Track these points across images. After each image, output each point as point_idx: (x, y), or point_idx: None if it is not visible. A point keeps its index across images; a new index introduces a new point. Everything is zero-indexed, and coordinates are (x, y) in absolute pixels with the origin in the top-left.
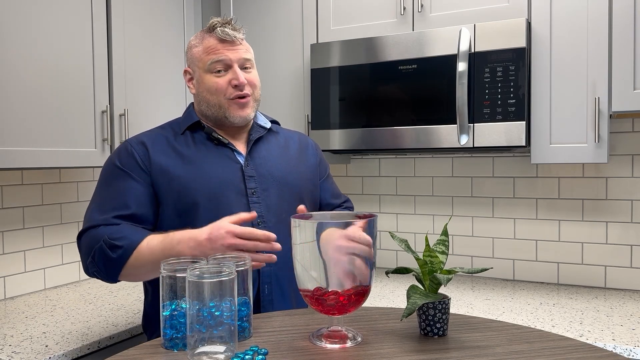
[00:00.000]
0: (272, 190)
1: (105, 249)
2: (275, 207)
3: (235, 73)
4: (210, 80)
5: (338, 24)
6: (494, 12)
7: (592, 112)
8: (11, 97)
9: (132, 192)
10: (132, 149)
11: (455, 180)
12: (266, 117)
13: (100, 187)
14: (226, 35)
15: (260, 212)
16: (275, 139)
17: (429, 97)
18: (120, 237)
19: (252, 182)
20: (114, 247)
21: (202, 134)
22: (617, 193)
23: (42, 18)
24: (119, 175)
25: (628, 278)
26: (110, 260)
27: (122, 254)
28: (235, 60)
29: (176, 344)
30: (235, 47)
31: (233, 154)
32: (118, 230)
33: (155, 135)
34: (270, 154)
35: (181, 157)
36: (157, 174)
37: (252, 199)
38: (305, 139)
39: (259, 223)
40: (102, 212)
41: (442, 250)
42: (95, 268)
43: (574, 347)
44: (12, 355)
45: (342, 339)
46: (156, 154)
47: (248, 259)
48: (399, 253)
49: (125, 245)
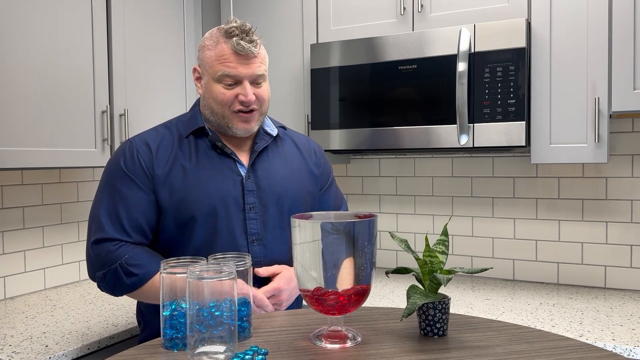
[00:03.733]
0: (270, 206)
1: (120, 273)
2: (272, 224)
3: (245, 89)
4: (218, 90)
5: (338, 24)
6: (494, 12)
7: (592, 112)
8: (11, 97)
9: (140, 203)
10: (137, 154)
11: (455, 180)
12: (273, 122)
13: (106, 188)
14: (241, 49)
15: (256, 229)
16: (280, 149)
17: (429, 97)
18: (137, 265)
19: (251, 197)
20: (130, 274)
21: (206, 142)
22: (617, 193)
23: (42, 18)
24: (126, 180)
25: (628, 278)
26: (123, 285)
27: (135, 282)
28: (247, 76)
29: (176, 344)
30: (249, 62)
31: (235, 165)
32: (136, 256)
33: (160, 137)
34: (273, 166)
35: (182, 168)
36: (159, 182)
37: (250, 214)
38: (309, 143)
39: (254, 241)
40: (114, 222)
41: (442, 250)
42: (104, 284)
43: (574, 347)
44: (12, 355)
45: (342, 339)
46: (159, 162)
47: (248, 259)
48: (399, 253)
49: (141, 275)
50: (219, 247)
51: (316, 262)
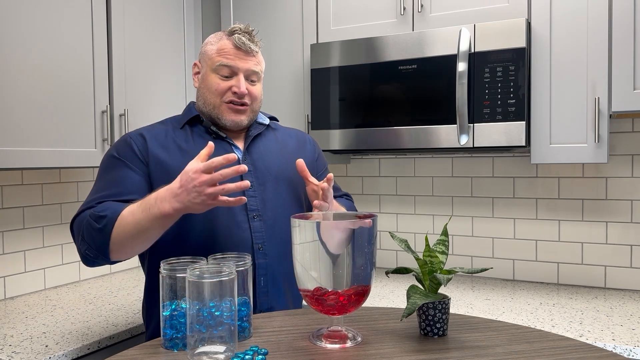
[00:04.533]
0: (268, 185)
1: (91, 222)
2: (271, 201)
3: (239, 81)
4: (213, 80)
5: (338, 24)
6: (494, 12)
7: (592, 112)
8: (11, 97)
9: (128, 181)
10: (130, 140)
11: (455, 180)
12: (264, 114)
13: (97, 179)
14: (242, 43)
15: (256, 206)
16: (274, 135)
17: (429, 97)
18: (104, 209)
19: (248, 177)
20: (99, 218)
21: (201, 128)
22: (617, 193)
23: (42, 18)
24: (116, 164)
25: (628, 278)
26: (97, 231)
27: (106, 223)
28: (243, 70)
29: (176, 344)
30: (247, 58)
31: (231, 148)
32: (102, 205)
33: (155, 129)
34: (268, 149)
35: (179, 149)
36: (154, 165)
37: (249, 192)
38: (303, 135)
39: (255, 217)
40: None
41: (442, 250)
42: (85, 246)
43: (574, 347)
44: (12, 355)
45: (342, 339)
46: (154, 145)
47: (248, 259)
48: (399, 253)
49: (109, 214)
50: (219, 222)
51: (316, 262)
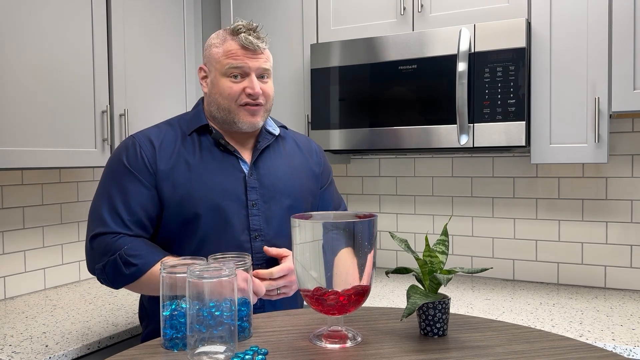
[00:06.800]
0: (273, 203)
1: (119, 263)
2: (274, 220)
3: (252, 82)
4: (225, 84)
5: (338, 24)
6: (494, 12)
7: (592, 112)
8: (11, 97)
9: (141, 198)
10: (140, 149)
11: (455, 180)
12: (275, 122)
13: (107, 183)
14: (249, 43)
15: (259, 225)
16: (282, 147)
17: (429, 97)
18: (136, 255)
19: (253, 194)
20: (129, 264)
21: (210, 139)
22: (617, 193)
23: (42, 18)
24: (127, 176)
25: (628, 278)
26: (122, 275)
27: (134, 272)
28: (254, 69)
29: (176, 344)
30: (256, 56)
31: (238, 162)
32: (135, 247)
33: (163, 134)
34: (275, 164)
35: (186, 163)
36: (162, 177)
37: (252, 211)
38: (310, 144)
39: (257, 237)
40: (114, 216)
41: (442, 250)
42: (103, 276)
43: (574, 347)
44: (12, 355)
45: (342, 339)
46: (162, 158)
47: (248, 259)
48: (399, 253)
49: (140, 265)
50: (221, 243)
51: (316, 262)
